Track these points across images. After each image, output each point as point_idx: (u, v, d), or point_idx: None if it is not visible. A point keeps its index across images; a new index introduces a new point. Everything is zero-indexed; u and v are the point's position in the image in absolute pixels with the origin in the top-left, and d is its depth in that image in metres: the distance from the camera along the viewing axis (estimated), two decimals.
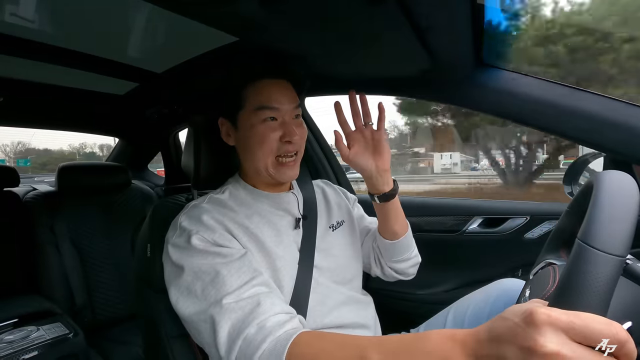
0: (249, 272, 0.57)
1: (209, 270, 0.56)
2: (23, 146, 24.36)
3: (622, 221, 0.36)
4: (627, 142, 0.67)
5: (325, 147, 1.40)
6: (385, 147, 0.71)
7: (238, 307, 0.52)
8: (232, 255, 0.58)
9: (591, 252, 0.35)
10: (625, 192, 0.40)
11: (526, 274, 0.67)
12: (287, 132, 0.67)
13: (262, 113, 0.67)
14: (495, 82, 0.78)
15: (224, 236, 0.61)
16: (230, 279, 0.55)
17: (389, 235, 0.77)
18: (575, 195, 0.62)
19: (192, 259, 0.58)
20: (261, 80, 0.68)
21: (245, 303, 0.53)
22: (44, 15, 0.72)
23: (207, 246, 0.59)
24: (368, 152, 0.71)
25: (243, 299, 0.53)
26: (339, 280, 0.72)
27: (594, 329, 0.29)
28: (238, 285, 0.55)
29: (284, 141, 0.67)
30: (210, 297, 0.54)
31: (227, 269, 0.56)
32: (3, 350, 0.93)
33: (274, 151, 0.67)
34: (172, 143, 1.93)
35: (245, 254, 0.60)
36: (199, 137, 0.77)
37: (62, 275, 1.37)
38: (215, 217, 0.63)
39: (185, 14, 0.64)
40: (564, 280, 0.35)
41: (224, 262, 0.57)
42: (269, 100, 0.67)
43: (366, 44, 0.73)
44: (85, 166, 1.62)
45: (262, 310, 0.52)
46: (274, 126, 0.67)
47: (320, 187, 0.86)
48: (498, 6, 0.72)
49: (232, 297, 0.53)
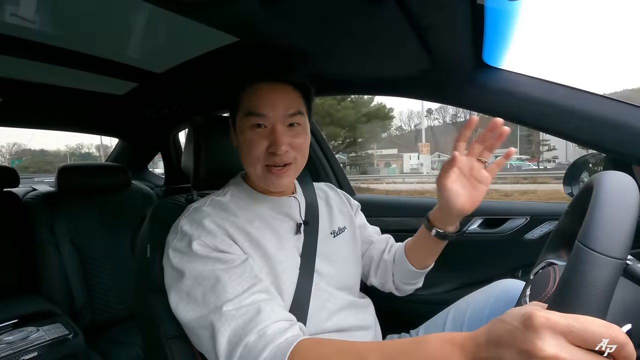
0: (250, 278, 0.56)
1: (209, 276, 0.56)
2: (19, 147, 24.48)
3: (622, 224, 0.36)
4: (627, 142, 0.67)
5: (325, 149, 1.40)
6: (483, 191, 0.63)
7: (239, 314, 0.52)
8: (233, 261, 0.58)
9: (591, 255, 0.34)
10: (625, 193, 0.39)
11: (526, 275, 0.67)
12: (274, 142, 0.63)
13: (250, 119, 0.64)
14: (495, 82, 0.78)
15: (225, 241, 0.60)
16: (231, 285, 0.55)
17: (418, 265, 0.76)
18: (576, 196, 0.62)
19: (193, 264, 0.57)
20: (257, 84, 0.66)
21: (245, 310, 0.52)
22: (44, 15, 0.72)
23: (208, 252, 0.58)
24: (467, 188, 0.62)
25: (243, 306, 0.53)
26: (339, 286, 0.72)
27: (592, 332, 0.29)
28: (239, 292, 0.54)
29: (269, 151, 0.64)
30: (210, 304, 0.54)
31: (228, 275, 0.56)
32: (3, 351, 0.93)
33: (261, 159, 0.64)
34: (172, 143, 1.93)
35: (246, 260, 0.59)
36: (198, 138, 0.76)
37: (62, 275, 1.37)
38: (217, 221, 0.62)
39: (185, 14, 0.64)
40: (563, 283, 0.35)
41: (224, 268, 0.56)
42: (257, 106, 0.64)
43: (366, 44, 0.73)
44: (85, 166, 1.62)
45: (262, 317, 0.51)
46: (261, 134, 0.64)
47: (324, 191, 0.85)
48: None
49: (233, 304, 0.53)
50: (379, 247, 0.85)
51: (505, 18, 0.65)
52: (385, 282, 0.83)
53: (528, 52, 33.71)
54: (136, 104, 1.43)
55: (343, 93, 1.13)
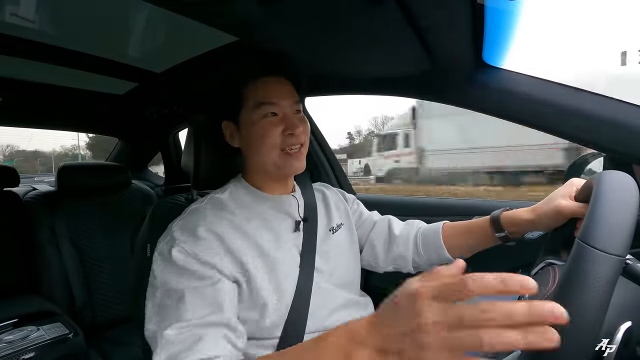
0: (213, 305, 0.54)
1: (177, 290, 0.55)
2: (12, 149, 24.98)
3: (622, 221, 0.37)
4: (627, 141, 0.67)
5: (325, 148, 1.40)
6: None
7: (178, 341, 0.51)
8: (205, 280, 0.56)
9: (591, 252, 0.35)
10: (625, 192, 0.40)
11: (526, 274, 0.67)
12: (289, 125, 0.66)
13: (263, 109, 0.66)
14: (495, 82, 0.78)
15: (209, 251, 0.59)
16: (190, 307, 0.53)
17: (456, 253, 0.76)
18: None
19: (168, 274, 0.57)
20: (259, 79, 0.68)
21: (186, 336, 0.51)
22: (44, 15, 0.72)
23: (186, 262, 0.57)
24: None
25: (186, 332, 0.51)
26: (339, 283, 0.72)
27: (449, 283, 0.31)
28: (193, 317, 0.53)
29: (286, 134, 0.66)
30: (164, 321, 0.53)
31: (193, 296, 0.54)
32: (3, 350, 0.93)
33: (277, 145, 0.67)
34: (172, 143, 1.93)
35: (218, 282, 0.57)
36: (198, 137, 0.76)
37: (62, 275, 1.37)
38: (211, 226, 0.62)
39: (184, 13, 0.64)
40: (564, 280, 0.36)
41: (194, 286, 0.55)
42: (268, 96, 0.67)
43: (366, 44, 0.73)
44: (85, 166, 1.62)
45: (200, 347, 0.50)
46: (275, 121, 0.67)
47: (320, 191, 0.85)
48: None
49: (177, 328, 0.51)
50: (383, 224, 0.85)
51: (506, 18, 0.65)
52: (403, 256, 0.81)
53: (527, 52, 34.11)
54: (136, 104, 1.43)
55: (343, 93, 1.13)
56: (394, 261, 0.83)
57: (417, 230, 0.82)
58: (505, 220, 0.70)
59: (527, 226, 0.68)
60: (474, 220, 0.76)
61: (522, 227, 0.69)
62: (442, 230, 0.78)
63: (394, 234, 0.82)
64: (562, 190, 0.64)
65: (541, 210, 0.65)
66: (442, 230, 0.78)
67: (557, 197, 0.63)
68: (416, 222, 0.85)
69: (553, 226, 0.64)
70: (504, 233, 0.70)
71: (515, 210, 0.71)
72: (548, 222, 0.64)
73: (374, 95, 1.06)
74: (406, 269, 0.83)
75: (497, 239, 0.72)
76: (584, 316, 0.33)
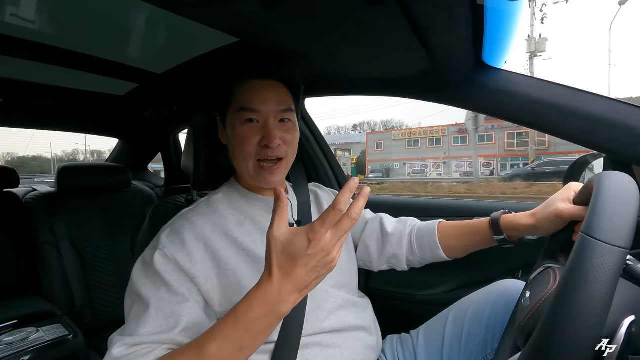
0: (169, 322, 0.53)
1: (145, 299, 0.54)
2: (11, 156, 25.31)
3: (624, 214, 0.37)
4: (627, 142, 0.67)
5: (325, 148, 1.40)
6: None
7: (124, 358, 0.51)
8: (175, 297, 0.55)
9: (595, 244, 0.35)
10: (626, 190, 0.40)
11: (526, 275, 0.67)
12: (266, 135, 0.64)
13: (243, 114, 0.65)
14: (495, 83, 0.78)
15: (191, 257, 0.58)
16: (150, 321, 0.53)
17: (451, 255, 0.78)
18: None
19: (142, 278, 0.57)
20: (249, 81, 0.67)
21: (132, 357, 0.51)
22: (44, 16, 0.72)
23: (164, 267, 0.57)
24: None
25: (133, 350, 0.51)
26: (335, 284, 0.72)
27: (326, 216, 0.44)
28: (146, 332, 0.52)
29: (262, 145, 0.65)
30: (124, 329, 0.54)
31: (156, 310, 0.53)
32: (2, 351, 0.93)
33: (252, 155, 0.65)
34: (172, 144, 1.94)
35: (186, 302, 0.55)
36: (199, 138, 0.76)
37: (62, 276, 1.37)
38: (198, 233, 0.61)
39: (185, 14, 0.64)
40: (568, 272, 0.36)
41: (162, 298, 0.54)
42: (250, 102, 0.65)
43: (366, 44, 0.73)
44: (85, 167, 1.62)
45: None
46: (254, 128, 0.65)
47: (313, 192, 0.85)
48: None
49: (127, 345, 0.51)
50: (375, 222, 0.85)
51: (505, 18, 0.65)
52: (396, 255, 0.81)
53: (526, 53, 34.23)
54: (136, 105, 1.43)
55: (343, 93, 1.13)
56: (388, 260, 0.83)
57: (411, 228, 0.82)
58: (505, 224, 0.71)
59: (527, 231, 0.69)
60: (472, 221, 0.76)
61: (521, 231, 0.69)
62: (438, 230, 0.78)
63: (387, 231, 0.82)
64: (561, 194, 0.64)
65: (541, 214, 0.66)
66: (438, 229, 0.78)
67: (556, 201, 0.63)
68: (410, 219, 0.85)
69: (553, 230, 0.64)
70: (502, 236, 0.71)
71: (515, 214, 0.71)
72: (548, 226, 0.64)
73: (373, 96, 1.06)
74: (400, 268, 0.84)
75: (495, 241, 0.72)
76: (589, 309, 0.33)
